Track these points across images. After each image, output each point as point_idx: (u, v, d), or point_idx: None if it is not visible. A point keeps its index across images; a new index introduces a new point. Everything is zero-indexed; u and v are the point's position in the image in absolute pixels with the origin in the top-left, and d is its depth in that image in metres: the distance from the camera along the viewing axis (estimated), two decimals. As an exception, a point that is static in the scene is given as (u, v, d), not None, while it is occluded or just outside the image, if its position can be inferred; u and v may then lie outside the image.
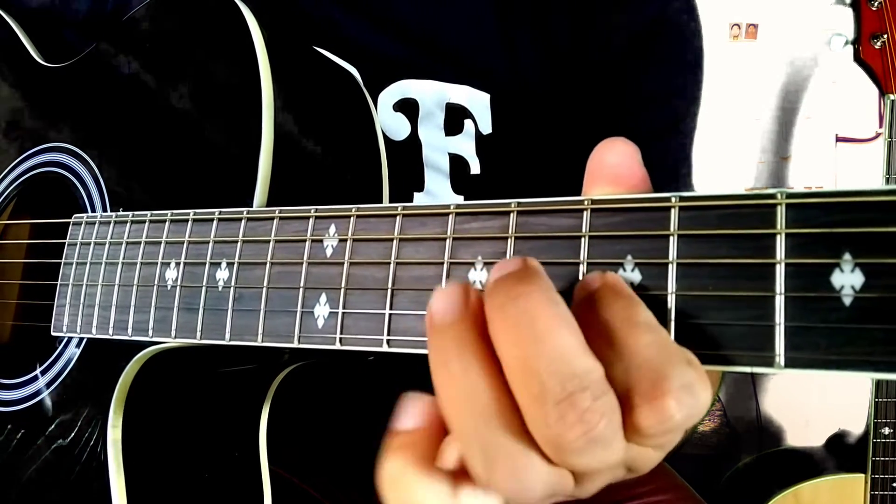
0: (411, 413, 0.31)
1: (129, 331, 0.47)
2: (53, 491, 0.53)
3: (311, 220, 0.38)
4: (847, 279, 0.25)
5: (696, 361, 0.27)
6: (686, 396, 0.26)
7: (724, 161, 1.68)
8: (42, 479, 0.53)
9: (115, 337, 0.48)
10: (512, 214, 0.32)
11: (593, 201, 0.30)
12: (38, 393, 0.55)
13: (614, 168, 0.30)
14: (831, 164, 1.65)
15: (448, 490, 0.30)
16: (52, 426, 0.54)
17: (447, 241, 0.33)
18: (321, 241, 0.38)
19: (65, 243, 0.54)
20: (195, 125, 0.51)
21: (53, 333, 0.54)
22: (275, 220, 0.40)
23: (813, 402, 1.66)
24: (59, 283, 0.54)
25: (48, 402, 0.54)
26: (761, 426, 1.68)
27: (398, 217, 0.35)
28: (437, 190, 0.67)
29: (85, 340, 0.53)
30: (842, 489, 1.27)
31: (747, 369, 0.26)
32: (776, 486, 1.30)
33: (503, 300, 0.27)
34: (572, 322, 0.27)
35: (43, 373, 0.55)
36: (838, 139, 1.64)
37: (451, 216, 0.33)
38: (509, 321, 0.27)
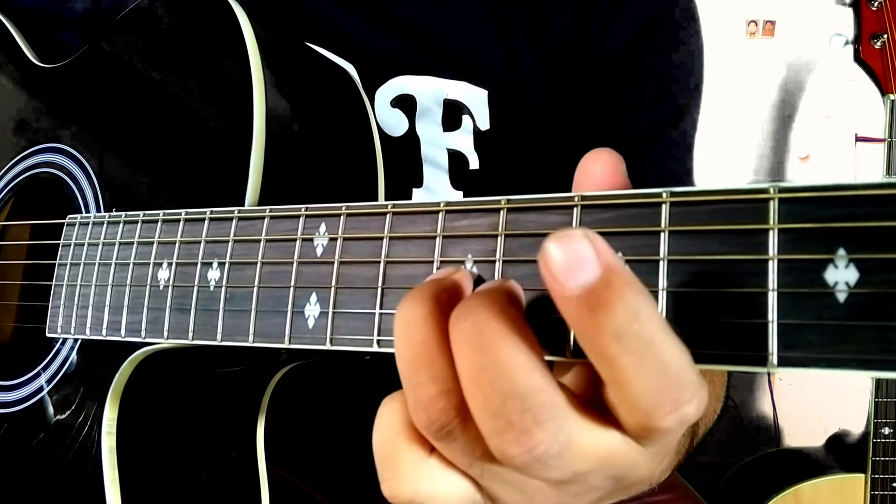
0: None
1: (123, 332, 0.47)
2: (49, 493, 0.52)
3: (302, 219, 0.38)
4: (841, 275, 0.24)
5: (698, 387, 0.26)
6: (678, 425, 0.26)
7: (740, 159, 1.67)
8: (38, 481, 0.53)
9: (109, 338, 0.48)
10: (502, 212, 0.31)
11: (583, 198, 0.29)
12: (34, 394, 0.55)
13: (598, 178, 0.30)
14: (851, 164, 1.63)
15: (422, 454, 0.30)
16: (49, 428, 0.53)
17: (437, 239, 0.33)
18: (311, 240, 0.37)
19: (59, 244, 0.54)
20: (188, 124, 0.51)
21: (48, 335, 0.53)
22: (265, 220, 0.40)
23: (813, 402, 1.65)
24: (53, 284, 0.54)
25: (45, 403, 0.54)
26: (777, 426, 1.68)
27: (388, 215, 0.35)
28: (437, 185, 0.67)
29: (80, 342, 0.53)
30: (842, 489, 1.26)
31: (740, 368, 0.26)
32: (776, 485, 1.29)
33: (461, 310, 0.27)
34: (525, 339, 0.26)
35: (39, 374, 0.55)
36: (858, 139, 1.62)
37: (440, 214, 0.33)
38: (461, 332, 0.27)
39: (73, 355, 0.53)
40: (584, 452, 0.27)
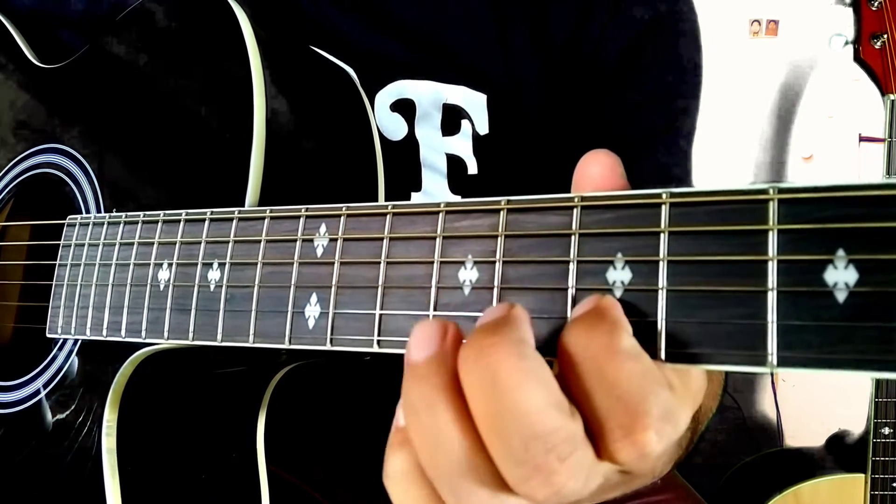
0: None
1: (123, 332, 0.47)
2: (49, 493, 0.52)
3: (302, 220, 0.38)
4: (840, 276, 0.24)
5: (678, 383, 0.27)
6: (666, 426, 0.26)
7: (742, 159, 1.66)
8: (38, 481, 0.53)
9: (109, 338, 0.48)
10: (502, 212, 0.31)
11: (583, 198, 0.29)
12: (34, 395, 0.55)
13: (596, 179, 0.30)
14: (854, 164, 1.63)
15: None
16: (49, 428, 0.53)
17: (437, 239, 0.33)
18: (312, 240, 0.37)
19: (59, 245, 0.54)
20: (188, 125, 0.51)
21: (48, 335, 0.53)
22: (266, 220, 0.40)
23: (816, 404, 1.65)
24: (53, 284, 0.54)
25: (45, 404, 0.54)
26: (780, 427, 1.67)
27: (388, 216, 0.35)
28: (435, 190, 0.67)
29: (80, 342, 0.53)
30: (842, 489, 1.26)
31: (739, 368, 0.26)
32: (776, 486, 1.29)
33: (470, 352, 0.26)
34: (540, 376, 0.26)
35: (39, 375, 0.55)
36: (861, 139, 1.62)
37: (441, 214, 0.33)
38: (474, 375, 0.26)
39: (74, 356, 0.53)
40: (599, 471, 0.28)
